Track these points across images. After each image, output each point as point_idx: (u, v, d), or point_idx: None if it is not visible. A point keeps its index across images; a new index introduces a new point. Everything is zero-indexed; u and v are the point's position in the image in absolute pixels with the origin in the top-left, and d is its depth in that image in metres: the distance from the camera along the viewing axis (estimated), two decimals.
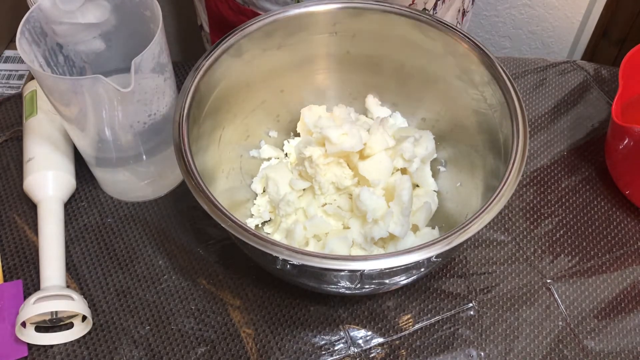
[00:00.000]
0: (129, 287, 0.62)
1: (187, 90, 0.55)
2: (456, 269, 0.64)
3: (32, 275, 0.62)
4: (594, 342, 0.60)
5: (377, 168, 0.59)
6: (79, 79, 0.51)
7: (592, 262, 0.65)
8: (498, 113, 0.56)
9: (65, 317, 0.58)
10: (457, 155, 0.64)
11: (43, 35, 0.57)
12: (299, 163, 0.62)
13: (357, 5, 0.61)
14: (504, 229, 0.67)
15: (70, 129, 0.60)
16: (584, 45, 1.19)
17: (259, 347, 0.59)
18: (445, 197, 0.64)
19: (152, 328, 0.60)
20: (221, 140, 0.61)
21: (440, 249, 0.47)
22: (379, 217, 0.57)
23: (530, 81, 0.80)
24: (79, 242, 0.65)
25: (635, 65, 0.68)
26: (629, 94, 0.70)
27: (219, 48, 0.58)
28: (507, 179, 0.50)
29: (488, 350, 0.59)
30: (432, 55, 0.62)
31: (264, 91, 0.65)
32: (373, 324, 0.60)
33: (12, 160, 0.71)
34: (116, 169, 0.64)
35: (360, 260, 0.46)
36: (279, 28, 0.61)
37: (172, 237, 0.66)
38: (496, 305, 0.62)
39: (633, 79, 0.69)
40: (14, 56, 0.94)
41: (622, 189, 0.69)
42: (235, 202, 0.62)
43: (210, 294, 0.62)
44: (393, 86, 0.67)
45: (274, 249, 0.46)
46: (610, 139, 0.69)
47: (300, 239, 0.58)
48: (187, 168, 0.51)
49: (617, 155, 0.68)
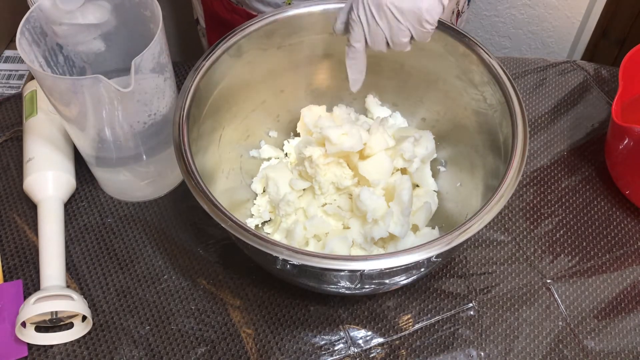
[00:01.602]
0: (129, 287, 0.62)
1: (187, 90, 0.55)
2: (456, 269, 0.64)
3: (32, 275, 0.62)
4: (594, 342, 0.60)
5: (377, 168, 0.59)
6: (79, 79, 0.52)
7: (592, 262, 0.65)
8: (498, 113, 0.56)
9: (65, 317, 0.58)
10: (457, 155, 0.64)
11: (43, 35, 0.57)
12: (299, 163, 0.62)
13: None
14: (504, 229, 0.67)
15: (70, 129, 0.60)
16: (584, 45, 1.19)
17: (259, 347, 0.59)
18: (445, 197, 0.64)
19: (152, 328, 0.60)
20: (221, 140, 0.61)
21: (440, 249, 0.47)
22: (379, 217, 0.57)
23: (530, 81, 0.80)
24: (79, 242, 0.65)
25: (635, 65, 0.68)
26: (629, 94, 0.70)
27: (219, 48, 0.58)
28: (507, 179, 0.50)
29: (488, 350, 0.59)
30: (432, 55, 0.61)
31: (264, 91, 0.65)
32: (373, 324, 0.60)
33: (12, 160, 0.71)
34: (116, 169, 0.64)
35: (360, 260, 0.46)
36: (278, 28, 0.61)
37: (172, 237, 0.66)
38: (496, 305, 0.62)
39: (633, 79, 0.69)
40: (14, 56, 0.94)
41: (622, 189, 0.69)
42: (235, 202, 0.62)
43: (210, 294, 0.62)
44: (393, 86, 0.67)
45: (274, 249, 0.46)
46: (610, 139, 0.69)
47: (300, 239, 0.58)
48: (187, 168, 0.51)
49: (617, 155, 0.68)
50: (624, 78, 0.66)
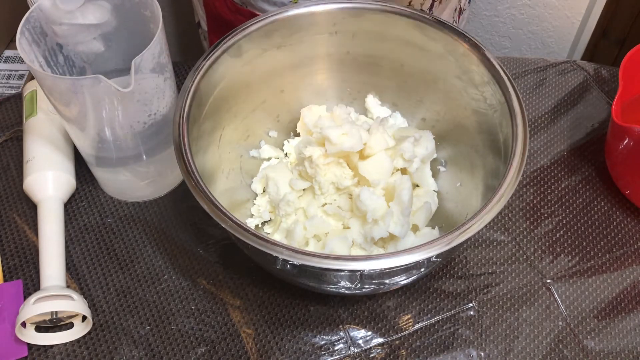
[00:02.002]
0: (129, 287, 0.62)
1: (187, 90, 0.55)
2: (456, 269, 0.64)
3: (32, 275, 0.62)
4: (594, 342, 0.60)
5: (377, 168, 0.59)
6: (79, 79, 0.52)
7: (592, 262, 0.65)
8: (498, 113, 0.56)
9: (65, 317, 0.58)
10: (457, 155, 0.64)
11: (43, 35, 0.57)
12: (299, 163, 0.62)
13: (357, 5, 0.61)
14: (504, 229, 0.67)
15: (70, 129, 0.60)
16: (584, 45, 1.19)
17: (259, 347, 0.59)
18: (445, 197, 0.64)
19: (152, 328, 0.60)
20: (221, 140, 0.61)
21: (440, 249, 0.47)
22: (379, 217, 0.57)
23: (530, 81, 0.80)
24: (79, 242, 0.65)
25: (635, 65, 0.68)
26: (629, 94, 0.70)
27: (219, 48, 0.58)
28: (507, 179, 0.50)
29: (488, 350, 0.59)
30: (432, 55, 0.62)
31: (264, 91, 0.65)
32: (373, 324, 0.60)
33: (12, 160, 0.71)
34: (116, 169, 0.64)
35: (360, 260, 0.46)
36: (279, 28, 0.61)
37: (172, 237, 0.66)
38: (496, 305, 0.62)
39: (633, 79, 0.69)
40: (14, 56, 0.94)
41: (622, 189, 0.69)
42: (235, 202, 0.62)
43: (210, 294, 0.62)
44: (393, 86, 0.67)
45: (274, 249, 0.46)
46: (610, 139, 0.69)
47: (300, 239, 0.58)
48: (187, 168, 0.51)
49: (617, 156, 0.68)
50: (624, 78, 0.66)
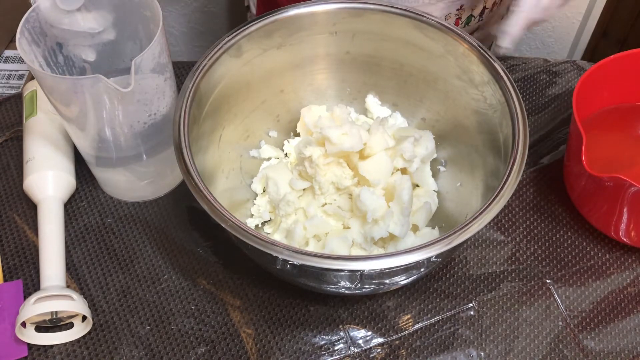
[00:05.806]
0: (129, 287, 0.62)
1: (187, 90, 0.55)
2: (456, 269, 0.64)
3: (32, 275, 0.62)
4: (593, 342, 0.60)
5: (377, 168, 0.59)
6: (79, 79, 0.52)
7: (592, 262, 0.65)
8: (498, 113, 0.56)
9: (65, 317, 0.58)
10: (457, 155, 0.64)
11: (43, 35, 0.57)
12: (299, 163, 0.62)
13: (357, 6, 0.61)
14: (504, 229, 0.67)
15: (70, 129, 0.60)
16: (584, 45, 1.19)
17: (259, 347, 0.59)
18: (445, 197, 0.64)
19: (152, 328, 0.60)
20: (221, 140, 0.61)
21: (440, 249, 0.47)
22: (379, 217, 0.57)
23: (531, 81, 0.80)
24: (79, 242, 0.65)
25: (588, 88, 0.65)
26: (587, 113, 0.68)
27: (219, 48, 0.58)
28: (507, 179, 0.50)
29: (488, 350, 0.59)
30: (432, 55, 0.62)
31: (264, 91, 0.65)
32: (373, 324, 0.60)
33: (12, 160, 0.71)
34: (116, 169, 0.64)
35: (360, 260, 0.46)
36: (279, 28, 0.61)
37: (172, 237, 0.66)
38: (496, 305, 0.62)
39: (587, 100, 0.65)
40: (14, 56, 0.94)
41: (585, 216, 0.66)
42: (235, 202, 0.62)
43: (210, 294, 0.62)
44: (393, 86, 0.67)
45: (274, 249, 0.46)
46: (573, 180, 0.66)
47: (300, 239, 0.58)
48: (187, 168, 0.51)
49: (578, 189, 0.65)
50: (577, 104, 0.61)
